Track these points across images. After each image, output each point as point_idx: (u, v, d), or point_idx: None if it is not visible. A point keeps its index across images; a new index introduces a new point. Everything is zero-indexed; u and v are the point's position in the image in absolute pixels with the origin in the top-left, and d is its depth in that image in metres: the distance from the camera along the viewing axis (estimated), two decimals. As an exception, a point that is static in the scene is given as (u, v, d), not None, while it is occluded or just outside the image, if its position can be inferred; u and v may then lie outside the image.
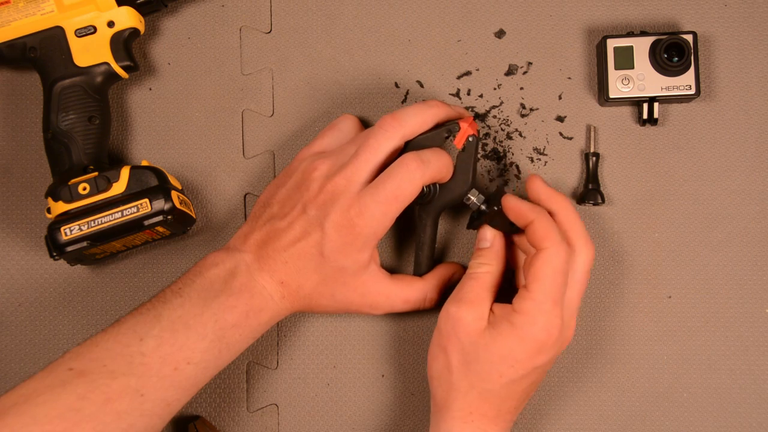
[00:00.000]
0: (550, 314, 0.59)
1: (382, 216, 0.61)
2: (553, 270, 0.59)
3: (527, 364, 0.60)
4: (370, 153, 0.62)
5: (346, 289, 0.63)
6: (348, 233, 0.61)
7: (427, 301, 0.67)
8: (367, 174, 0.62)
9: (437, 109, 0.65)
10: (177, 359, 0.57)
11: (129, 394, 0.55)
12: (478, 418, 0.61)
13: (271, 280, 0.62)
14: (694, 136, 0.72)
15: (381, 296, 0.64)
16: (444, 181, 0.65)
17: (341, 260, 0.61)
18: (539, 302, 0.59)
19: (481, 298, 0.61)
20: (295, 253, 0.62)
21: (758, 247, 0.71)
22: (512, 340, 0.59)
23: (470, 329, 0.60)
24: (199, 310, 0.59)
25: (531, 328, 0.59)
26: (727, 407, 0.70)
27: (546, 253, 0.60)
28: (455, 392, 0.61)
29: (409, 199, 0.62)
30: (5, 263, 0.72)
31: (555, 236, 0.60)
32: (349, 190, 0.61)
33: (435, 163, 0.63)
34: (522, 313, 0.59)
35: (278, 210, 0.63)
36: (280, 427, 0.71)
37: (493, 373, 0.60)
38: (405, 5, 0.73)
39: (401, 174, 0.61)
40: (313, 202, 0.62)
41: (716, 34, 0.72)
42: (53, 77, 0.68)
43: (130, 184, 0.66)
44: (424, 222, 0.67)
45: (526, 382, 0.61)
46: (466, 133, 0.65)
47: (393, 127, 0.63)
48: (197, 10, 0.74)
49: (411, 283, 0.66)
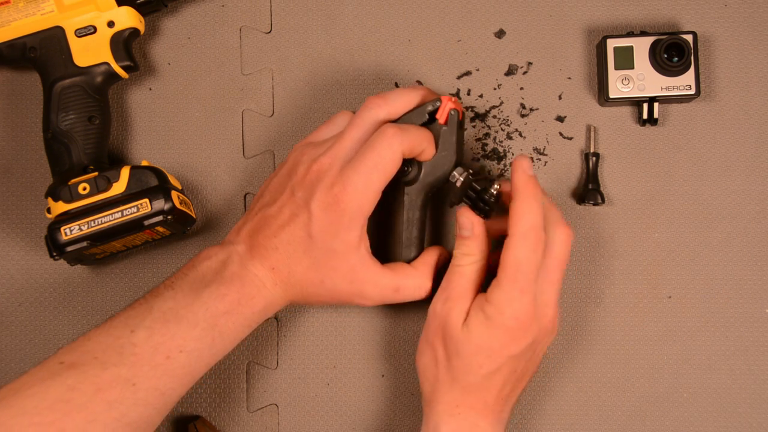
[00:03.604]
0: (518, 302, 0.59)
1: (365, 188, 0.60)
2: (516, 259, 0.59)
3: (502, 353, 0.60)
4: (354, 129, 0.62)
5: (336, 275, 0.62)
6: (333, 210, 0.60)
7: (420, 290, 0.65)
8: (350, 150, 0.62)
9: (422, 91, 0.65)
10: (169, 348, 0.57)
11: (120, 383, 0.55)
12: (465, 410, 0.61)
13: (263, 267, 0.62)
14: (694, 136, 0.72)
15: (370, 284, 0.63)
16: (426, 156, 0.64)
17: (329, 241, 0.61)
18: (506, 291, 0.59)
19: (467, 292, 0.62)
20: (285, 238, 0.62)
21: (758, 247, 0.71)
22: (485, 330, 0.60)
23: (454, 324, 0.61)
24: (191, 300, 0.59)
25: (500, 317, 0.59)
26: (727, 407, 0.70)
27: (511, 241, 0.60)
28: (440, 386, 0.62)
29: (391, 167, 0.61)
30: (5, 263, 0.72)
31: (523, 224, 0.59)
32: (333, 168, 0.61)
33: (413, 131, 0.62)
34: (492, 303, 0.60)
35: (269, 198, 0.64)
36: (280, 427, 0.71)
37: (473, 365, 0.60)
38: (405, 5, 0.74)
39: (379, 142, 0.61)
40: (300, 184, 0.62)
41: (716, 34, 0.72)
42: (53, 77, 0.68)
43: (130, 184, 0.66)
44: (411, 203, 0.65)
45: (505, 372, 0.61)
46: (448, 106, 0.64)
47: (377, 104, 0.63)
48: (197, 10, 0.74)
49: (403, 272, 0.65)
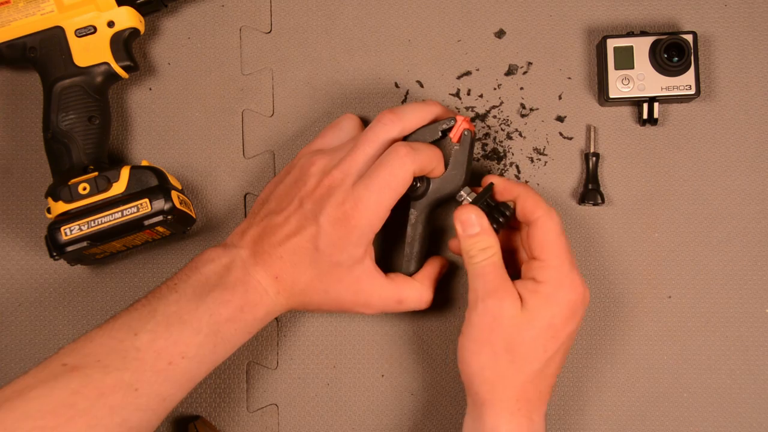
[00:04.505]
0: (572, 274, 0.61)
1: (376, 206, 0.61)
2: (556, 233, 0.61)
3: (564, 330, 0.61)
4: (367, 145, 0.62)
5: (340, 286, 0.63)
6: (343, 226, 0.61)
7: (422, 302, 0.66)
8: (363, 166, 0.62)
9: (435, 108, 0.65)
10: (172, 353, 0.57)
11: (123, 388, 0.55)
12: (523, 405, 0.61)
13: (266, 275, 0.62)
14: (694, 136, 0.72)
15: (374, 296, 0.64)
16: (436, 174, 0.65)
17: (336, 255, 0.61)
18: (557, 267, 0.61)
19: (507, 281, 0.62)
20: (290, 248, 0.62)
21: (758, 247, 0.71)
22: (548, 309, 0.60)
23: (511, 314, 0.61)
24: (194, 305, 0.59)
25: (560, 292, 0.61)
26: (726, 407, 0.70)
27: (542, 220, 0.62)
28: (503, 381, 0.61)
29: (402, 186, 0.62)
30: (5, 263, 0.72)
31: (543, 204, 0.62)
32: (345, 183, 0.61)
33: (425, 151, 0.63)
34: (547, 282, 0.61)
35: (275, 206, 0.64)
36: (280, 427, 0.71)
37: (538, 349, 0.60)
38: (405, 5, 0.74)
39: (391, 161, 0.61)
40: (309, 196, 0.62)
41: (716, 34, 0.72)
42: (53, 77, 0.68)
43: (130, 184, 0.66)
44: (416, 218, 0.66)
45: (561, 352, 0.62)
46: (462, 126, 0.64)
47: (391, 120, 0.63)
48: (197, 10, 0.74)
49: (406, 284, 0.65)
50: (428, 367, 0.71)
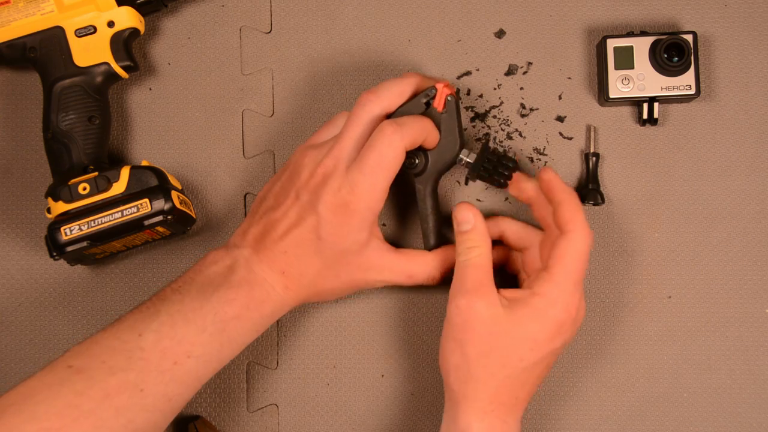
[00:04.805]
0: (571, 295, 0.60)
1: (372, 188, 0.61)
2: (578, 253, 0.60)
3: (546, 346, 0.60)
4: (351, 129, 0.62)
5: (350, 268, 0.63)
6: (343, 213, 0.61)
7: (430, 278, 0.66)
8: (352, 150, 0.62)
9: (413, 78, 0.65)
10: (177, 353, 0.57)
11: (128, 389, 0.55)
12: (497, 407, 0.61)
13: (272, 272, 0.62)
14: (694, 136, 0.72)
15: (385, 271, 0.65)
16: (431, 145, 0.65)
17: (340, 242, 0.62)
18: (560, 283, 0.60)
19: (486, 284, 0.61)
20: (293, 241, 0.62)
21: (758, 247, 0.71)
22: (532, 322, 0.60)
23: (485, 317, 0.60)
24: (199, 304, 0.59)
25: (551, 310, 0.60)
26: (726, 407, 0.70)
27: (572, 236, 0.61)
28: (474, 383, 0.61)
29: (395, 164, 0.61)
30: (5, 263, 0.72)
31: (581, 219, 0.61)
32: (338, 169, 0.61)
33: (412, 124, 0.62)
34: (542, 295, 0.60)
35: (273, 202, 0.64)
36: (280, 427, 0.71)
37: (513, 357, 0.60)
38: (405, 5, 0.74)
39: (379, 141, 0.61)
40: (305, 187, 0.62)
41: (716, 34, 0.72)
42: (53, 77, 0.68)
43: (130, 184, 0.66)
44: (422, 193, 0.67)
45: (542, 365, 0.61)
46: (444, 93, 0.64)
47: (369, 99, 0.63)
48: (197, 10, 0.74)
49: (415, 258, 0.66)
50: (428, 367, 0.71)
